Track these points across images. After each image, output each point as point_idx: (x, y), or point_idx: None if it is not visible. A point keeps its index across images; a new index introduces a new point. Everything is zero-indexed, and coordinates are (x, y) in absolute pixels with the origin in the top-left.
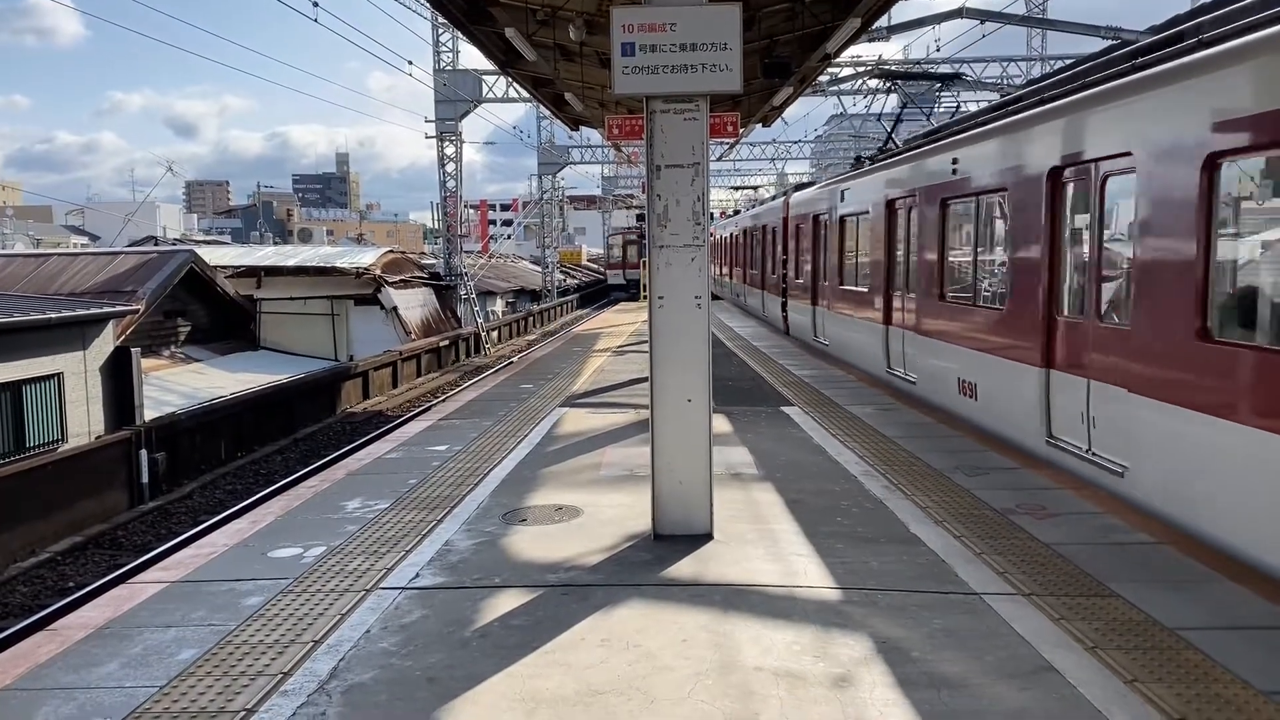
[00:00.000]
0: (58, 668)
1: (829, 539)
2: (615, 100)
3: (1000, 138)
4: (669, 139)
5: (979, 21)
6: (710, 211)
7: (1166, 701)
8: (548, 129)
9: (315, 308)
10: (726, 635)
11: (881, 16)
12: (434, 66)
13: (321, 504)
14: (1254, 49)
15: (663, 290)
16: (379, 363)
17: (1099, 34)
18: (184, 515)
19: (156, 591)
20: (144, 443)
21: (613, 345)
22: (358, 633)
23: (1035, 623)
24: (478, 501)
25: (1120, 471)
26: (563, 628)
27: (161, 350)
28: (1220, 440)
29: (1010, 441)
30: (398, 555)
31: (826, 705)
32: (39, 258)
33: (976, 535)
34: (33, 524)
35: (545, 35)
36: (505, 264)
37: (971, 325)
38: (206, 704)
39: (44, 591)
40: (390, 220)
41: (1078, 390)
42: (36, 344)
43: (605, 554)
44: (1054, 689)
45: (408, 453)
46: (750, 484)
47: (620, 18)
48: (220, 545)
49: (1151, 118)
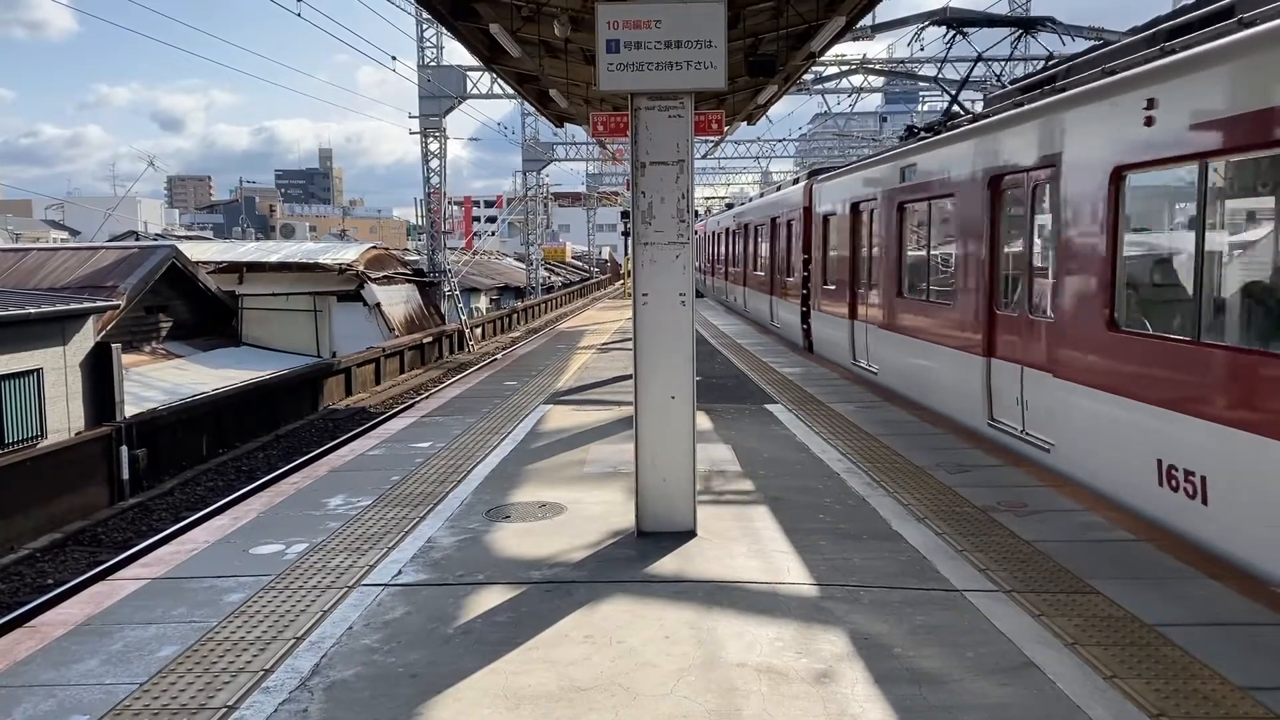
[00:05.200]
0: (37, 664)
1: (811, 536)
2: (600, 97)
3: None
4: (654, 136)
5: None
6: (695, 209)
7: (1145, 697)
8: (532, 125)
9: (298, 304)
10: (709, 631)
11: (866, 15)
12: (418, 62)
13: (304, 500)
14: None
15: (647, 287)
16: (362, 359)
17: (1082, 34)
18: (165, 512)
19: (137, 588)
20: (124, 439)
21: (597, 342)
22: (340, 629)
23: (1016, 619)
24: (461, 498)
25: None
26: (546, 624)
27: (143, 346)
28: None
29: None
30: (380, 552)
31: (808, 701)
32: (18, 252)
33: (958, 532)
34: (11, 520)
35: (530, 31)
36: (489, 261)
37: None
38: (187, 700)
39: (23, 588)
40: (374, 216)
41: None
42: (15, 339)
43: (589, 550)
44: (1034, 685)
45: (391, 449)
46: (733, 481)
47: (605, 14)
48: (202, 542)
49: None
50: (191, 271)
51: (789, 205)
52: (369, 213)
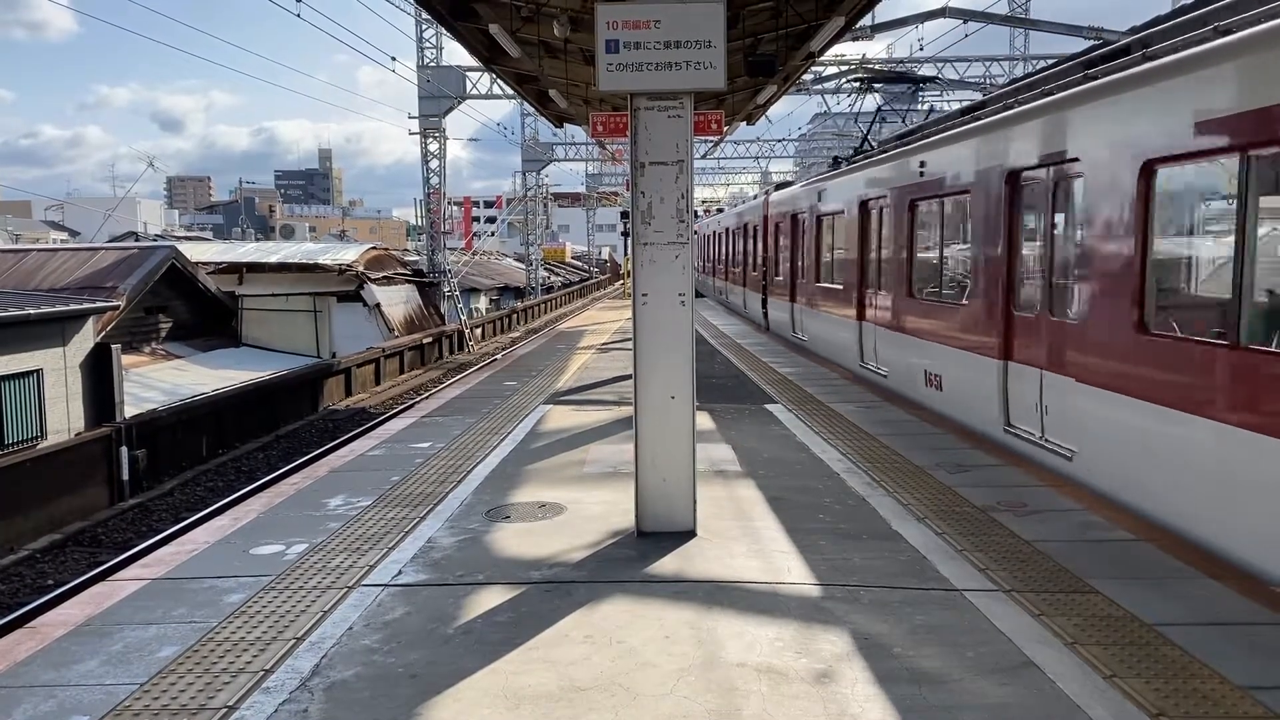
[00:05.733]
0: (37, 665)
1: (811, 535)
2: (599, 97)
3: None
4: (653, 136)
5: (962, 21)
6: (694, 209)
7: (1145, 696)
8: (532, 126)
9: (297, 304)
10: (709, 631)
11: (865, 15)
12: (418, 62)
13: (304, 501)
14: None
15: (647, 287)
16: (362, 359)
17: (1080, 34)
18: (165, 512)
19: (137, 589)
20: (124, 439)
21: (597, 343)
22: (340, 630)
23: (1015, 619)
24: (461, 499)
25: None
26: (546, 624)
27: (142, 346)
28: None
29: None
30: (380, 552)
31: (808, 701)
32: (18, 253)
33: (958, 532)
34: (11, 521)
35: (530, 31)
36: (489, 261)
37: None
38: (188, 701)
39: (23, 589)
40: (373, 217)
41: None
42: (15, 340)
43: (589, 551)
44: (1034, 684)
45: (390, 450)
46: (733, 481)
47: (605, 14)
48: (202, 542)
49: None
50: (191, 272)
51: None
52: (369, 213)
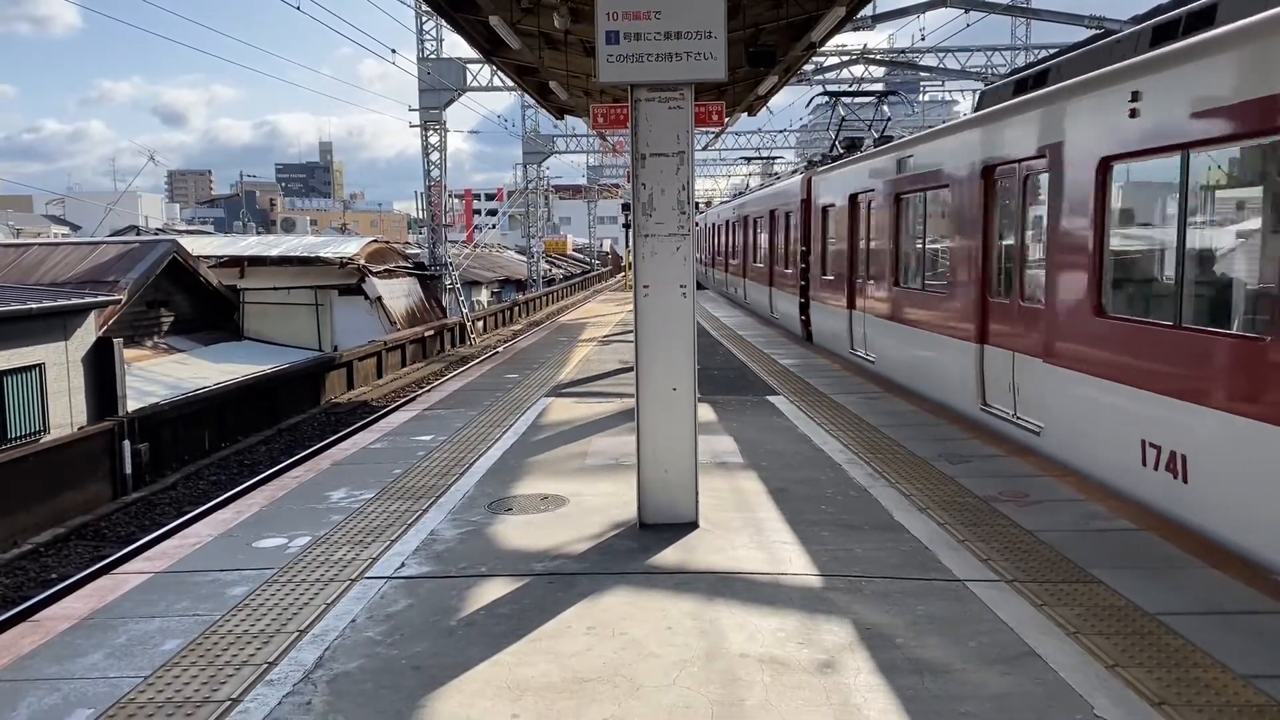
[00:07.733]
0: (41, 658)
1: (814, 526)
2: (600, 89)
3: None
4: (654, 127)
5: (963, 10)
6: (695, 200)
7: (1147, 685)
8: (532, 118)
9: (299, 298)
10: (712, 622)
11: (866, 5)
12: (418, 54)
13: (306, 494)
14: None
15: (648, 279)
16: (363, 353)
17: (1083, 23)
18: (168, 506)
19: (141, 582)
20: (127, 433)
21: (598, 335)
22: (343, 622)
23: (1018, 609)
24: (463, 491)
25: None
26: (549, 616)
27: (144, 340)
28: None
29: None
30: (383, 545)
31: (811, 691)
32: (19, 247)
33: (960, 522)
34: (15, 515)
35: (530, 23)
36: (490, 254)
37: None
38: (192, 694)
39: (27, 583)
40: (374, 210)
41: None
42: (17, 334)
43: (591, 542)
44: (1036, 674)
45: (393, 443)
46: (735, 472)
47: (605, 5)
48: (204, 536)
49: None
50: (192, 266)
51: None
52: (370, 206)
